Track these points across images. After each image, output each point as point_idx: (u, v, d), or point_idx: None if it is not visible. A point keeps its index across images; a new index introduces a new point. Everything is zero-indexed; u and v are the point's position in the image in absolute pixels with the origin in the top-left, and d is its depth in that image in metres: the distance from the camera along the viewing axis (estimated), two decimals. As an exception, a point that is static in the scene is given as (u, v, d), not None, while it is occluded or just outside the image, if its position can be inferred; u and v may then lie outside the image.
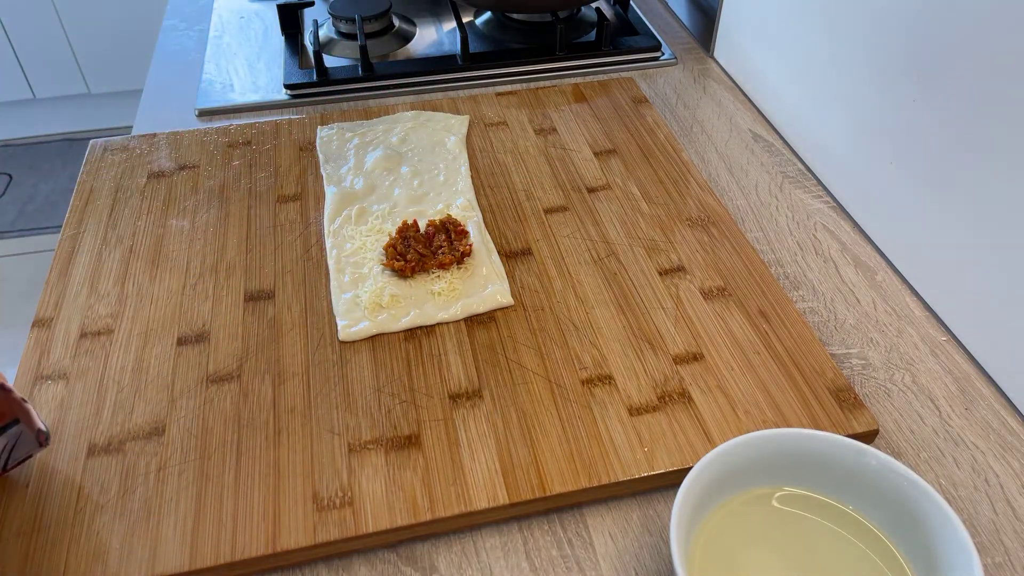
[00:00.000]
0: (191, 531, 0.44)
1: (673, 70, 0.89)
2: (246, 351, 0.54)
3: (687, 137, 0.78)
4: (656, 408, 0.50)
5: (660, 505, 0.48)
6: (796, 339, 0.55)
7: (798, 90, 0.74)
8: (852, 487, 0.43)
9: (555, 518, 0.47)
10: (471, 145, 0.74)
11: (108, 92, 2.26)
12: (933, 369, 0.56)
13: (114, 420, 0.50)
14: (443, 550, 0.45)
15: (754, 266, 0.61)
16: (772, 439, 0.43)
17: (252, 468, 0.47)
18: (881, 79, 0.62)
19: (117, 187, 0.69)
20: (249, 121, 0.78)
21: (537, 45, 0.90)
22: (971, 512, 0.48)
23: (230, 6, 0.99)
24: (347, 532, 0.44)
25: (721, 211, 0.66)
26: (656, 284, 0.59)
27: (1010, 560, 0.45)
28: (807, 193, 0.71)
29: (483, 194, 0.68)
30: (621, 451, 0.48)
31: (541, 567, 0.45)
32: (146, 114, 0.82)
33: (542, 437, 0.49)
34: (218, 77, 0.86)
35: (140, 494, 0.46)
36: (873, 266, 0.64)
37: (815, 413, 0.50)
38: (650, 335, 0.55)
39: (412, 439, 0.49)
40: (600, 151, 0.73)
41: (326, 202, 0.66)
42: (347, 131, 0.74)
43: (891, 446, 0.51)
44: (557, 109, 0.79)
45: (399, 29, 0.93)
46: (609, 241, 0.63)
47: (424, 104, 0.79)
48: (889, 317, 0.59)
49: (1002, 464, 0.50)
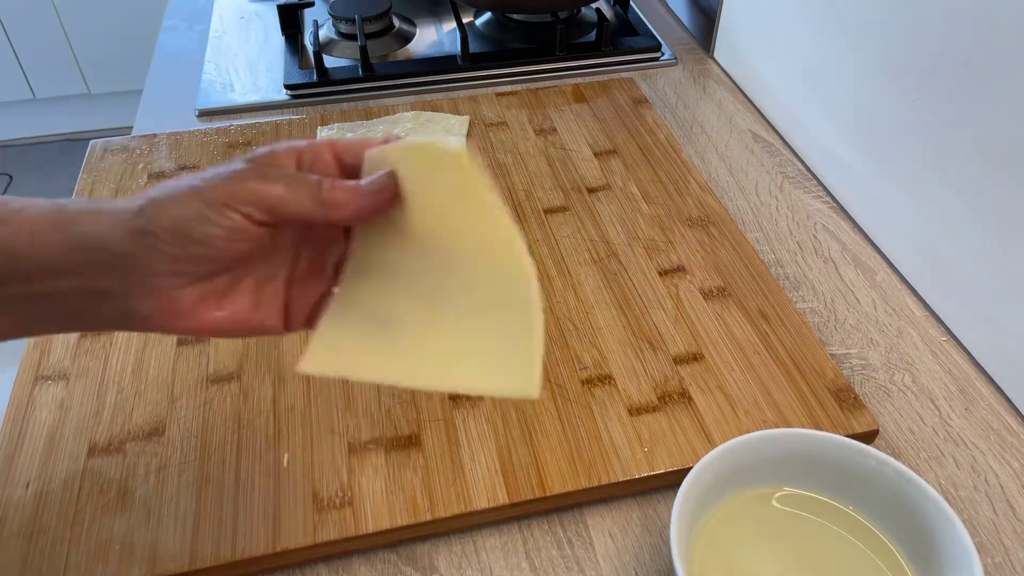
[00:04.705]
0: (191, 531, 0.44)
1: (673, 70, 0.89)
2: (246, 351, 0.54)
3: (687, 137, 0.78)
4: (656, 408, 0.50)
5: (660, 505, 0.48)
6: (796, 339, 0.55)
7: (798, 90, 0.74)
8: (852, 487, 0.43)
9: (555, 518, 0.47)
10: (471, 145, 0.74)
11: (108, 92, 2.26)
12: (933, 369, 0.56)
13: (114, 420, 0.50)
14: (443, 550, 0.45)
15: (754, 266, 0.61)
16: (772, 439, 0.43)
17: (252, 468, 0.47)
18: (881, 79, 0.62)
19: (117, 187, 0.69)
20: (249, 121, 0.78)
21: (537, 45, 0.90)
22: (971, 512, 0.48)
23: (230, 6, 0.99)
24: (347, 532, 0.44)
25: (721, 211, 0.66)
26: (656, 284, 0.59)
27: (1010, 560, 0.45)
28: (807, 193, 0.71)
29: (483, 194, 0.68)
30: (621, 451, 0.48)
31: (541, 567, 0.45)
32: (146, 114, 0.82)
33: (542, 437, 0.49)
34: (218, 77, 0.86)
35: (140, 494, 0.46)
36: (873, 266, 0.64)
37: (815, 413, 0.50)
38: (650, 335, 0.55)
39: (412, 439, 0.49)
40: (600, 151, 0.73)
41: (326, 202, 0.66)
42: (347, 131, 0.74)
43: (891, 446, 0.51)
44: (557, 109, 0.79)
45: (399, 29, 0.93)
46: (609, 241, 0.63)
47: (424, 104, 0.79)
48: (889, 317, 0.59)
49: (1002, 464, 0.50)
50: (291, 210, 0.34)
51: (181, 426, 0.50)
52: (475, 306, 0.34)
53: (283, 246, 0.38)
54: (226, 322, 0.36)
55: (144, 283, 0.33)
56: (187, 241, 0.33)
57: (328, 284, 0.38)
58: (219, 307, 0.35)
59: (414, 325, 0.34)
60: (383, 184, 0.35)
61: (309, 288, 0.39)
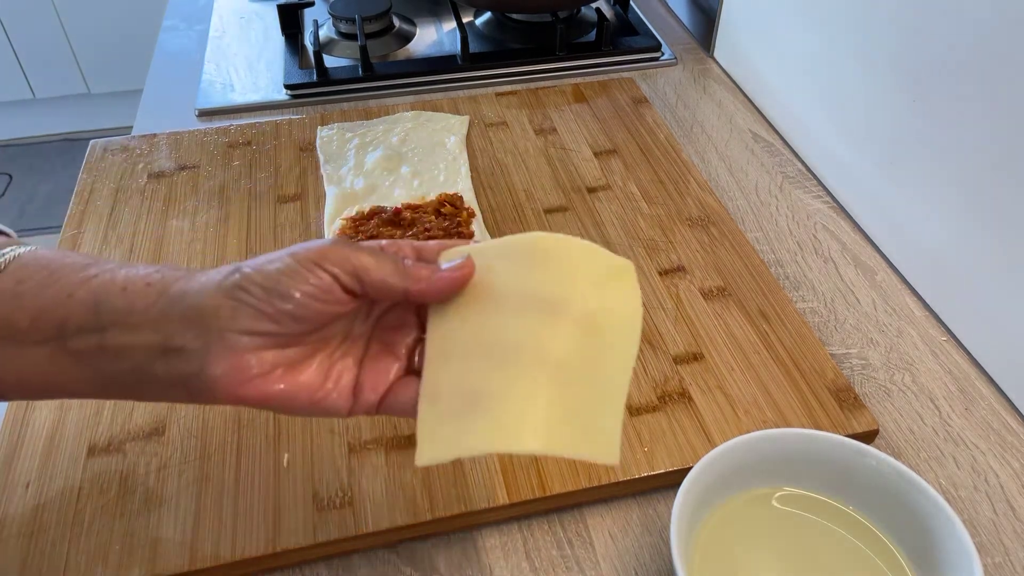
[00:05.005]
0: (191, 531, 0.44)
1: (673, 70, 0.89)
2: (246, 351, 0.54)
3: (687, 137, 0.78)
4: (656, 408, 0.50)
5: (660, 505, 0.48)
6: (796, 339, 0.55)
7: (798, 90, 0.74)
8: (852, 487, 0.43)
9: (555, 518, 0.47)
10: (471, 145, 0.74)
11: (108, 92, 2.26)
12: (933, 369, 0.56)
13: (114, 420, 0.50)
14: (443, 550, 0.45)
15: (754, 266, 0.61)
16: (772, 439, 0.43)
17: (252, 468, 0.47)
18: (881, 79, 0.62)
19: (117, 187, 0.69)
20: (249, 121, 0.78)
21: (537, 45, 0.90)
22: (971, 512, 0.48)
23: (230, 6, 0.99)
24: (347, 532, 0.44)
25: (721, 211, 0.66)
26: (656, 284, 0.59)
27: (1010, 560, 0.45)
28: (807, 193, 0.71)
29: (483, 194, 0.68)
30: (621, 451, 0.48)
31: (541, 567, 0.45)
32: (146, 114, 0.82)
33: (542, 437, 0.49)
34: (218, 77, 0.86)
35: (140, 494, 0.46)
36: (873, 266, 0.64)
37: (815, 413, 0.50)
38: (650, 335, 0.55)
39: (412, 439, 0.48)
40: (600, 151, 0.73)
41: (326, 202, 0.66)
42: (347, 131, 0.74)
43: (891, 446, 0.51)
44: (557, 109, 0.79)
45: (399, 29, 0.93)
46: (609, 241, 0.63)
47: (424, 104, 0.79)
48: (889, 317, 0.59)
49: (1002, 464, 0.50)
50: (375, 276, 0.35)
51: (181, 426, 0.50)
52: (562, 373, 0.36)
53: (358, 327, 0.38)
54: (291, 394, 0.35)
55: (224, 339, 0.33)
56: (275, 295, 0.33)
57: (400, 368, 0.38)
58: (287, 378, 0.35)
59: (500, 395, 0.35)
60: (461, 265, 0.37)
61: (380, 371, 0.38)
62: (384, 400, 0.38)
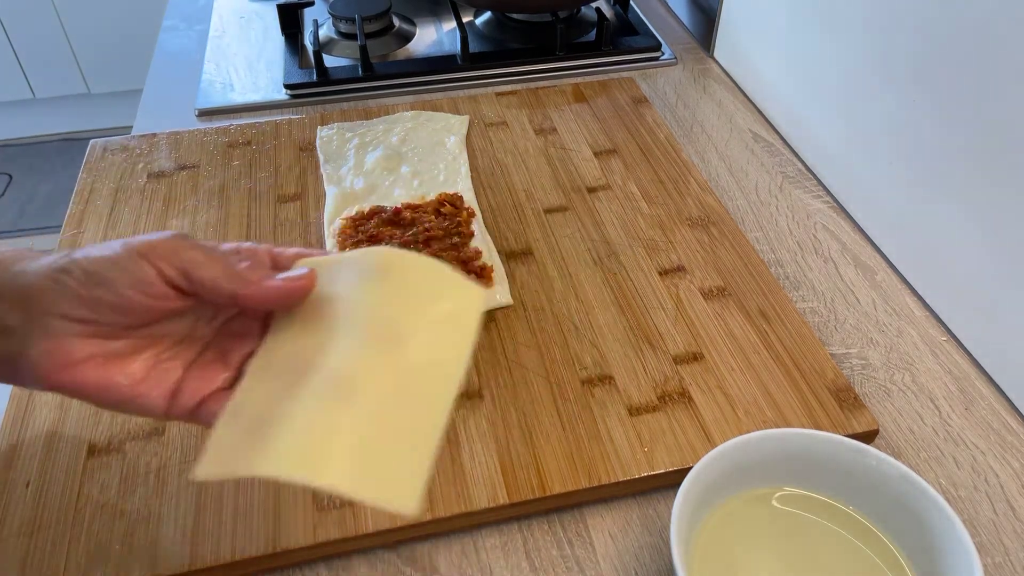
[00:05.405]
0: (191, 531, 0.44)
1: (673, 70, 0.89)
2: (246, 351, 0.54)
3: (687, 137, 0.78)
4: (656, 408, 0.50)
5: (660, 505, 0.48)
6: (796, 339, 0.55)
7: (798, 90, 0.74)
8: (852, 487, 0.43)
9: (555, 518, 0.47)
10: (471, 145, 0.74)
11: (108, 92, 2.26)
12: (933, 369, 0.56)
13: (114, 420, 0.50)
14: (443, 550, 0.45)
15: (754, 266, 0.61)
16: (772, 439, 0.43)
17: (252, 468, 0.47)
18: (881, 79, 0.62)
19: (117, 187, 0.69)
20: (249, 121, 0.78)
21: (537, 45, 0.90)
22: (971, 512, 0.48)
23: (230, 6, 0.99)
24: (347, 532, 0.44)
25: (721, 211, 0.66)
26: (656, 284, 0.59)
27: (1010, 560, 0.45)
28: (807, 193, 0.71)
29: (483, 194, 0.68)
30: (621, 451, 0.48)
31: (541, 567, 0.45)
32: (146, 114, 0.82)
33: (542, 437, 0.49)
34: (218, 77, 0.86)
35: (140, 494, 0.46)
36: (873, 266, 0.64)
37: (815, 413, 0.50)
38: (650, 335, 0.55)
39: (412, 439, 0.48)
40: (600, 151, 0.73)
41: (326, 202, 0.66)
42: (347, 131, 0.74)
43: (891, 446, 0.51)
44: (557, 109, 0.79)
45: (399, 29, 0.93)
46: (609, 241, 0.63)
47: (424, 104, 0.79)
48: (889, 317, 0.59)
49: (1002, 464, 0.50)
50: (204, 275, 0.34)
51: (181, 426, 0.50)
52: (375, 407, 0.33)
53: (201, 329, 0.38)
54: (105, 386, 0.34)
55: (44, 321, 0.33)
56: (95, 283, 0.33)
57: (228, 379, 0.37)
58: (103, 370, 0.34)
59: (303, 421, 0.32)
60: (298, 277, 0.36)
61: (206, 377, 0.37)
62: (199, 407, 0.37)
